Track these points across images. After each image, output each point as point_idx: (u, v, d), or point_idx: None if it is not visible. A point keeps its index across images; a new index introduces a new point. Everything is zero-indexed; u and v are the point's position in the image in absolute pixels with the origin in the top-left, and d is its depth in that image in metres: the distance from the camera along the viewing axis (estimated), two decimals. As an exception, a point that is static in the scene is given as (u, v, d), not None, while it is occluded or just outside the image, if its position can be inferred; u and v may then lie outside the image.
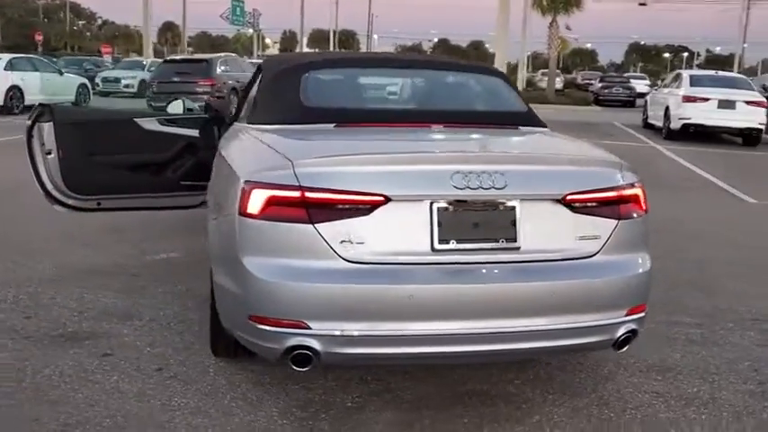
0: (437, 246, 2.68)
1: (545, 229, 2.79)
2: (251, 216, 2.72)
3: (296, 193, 2.65)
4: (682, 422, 3.07)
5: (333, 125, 3.33)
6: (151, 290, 4.54)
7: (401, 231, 2.68)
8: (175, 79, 16.63)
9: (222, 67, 17.26)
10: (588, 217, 2.83)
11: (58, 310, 4.15)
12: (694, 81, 15.84)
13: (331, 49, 56.73)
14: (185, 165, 4.95)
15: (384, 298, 2.64)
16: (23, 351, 3.55)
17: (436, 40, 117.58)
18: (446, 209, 2.69)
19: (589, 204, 2.83)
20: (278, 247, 2.69)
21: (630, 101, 33.11)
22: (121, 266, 5.02)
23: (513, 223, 2.74)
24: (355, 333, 2.63)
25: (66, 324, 3.93)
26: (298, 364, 2.70)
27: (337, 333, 2.63)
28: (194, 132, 4.97)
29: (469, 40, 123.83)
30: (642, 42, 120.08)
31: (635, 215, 2.95)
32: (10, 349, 3.57)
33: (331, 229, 2.63)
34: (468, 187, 2.66)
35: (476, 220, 2.72)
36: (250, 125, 3.62)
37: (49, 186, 4.71)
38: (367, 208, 2.64)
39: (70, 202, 4.76)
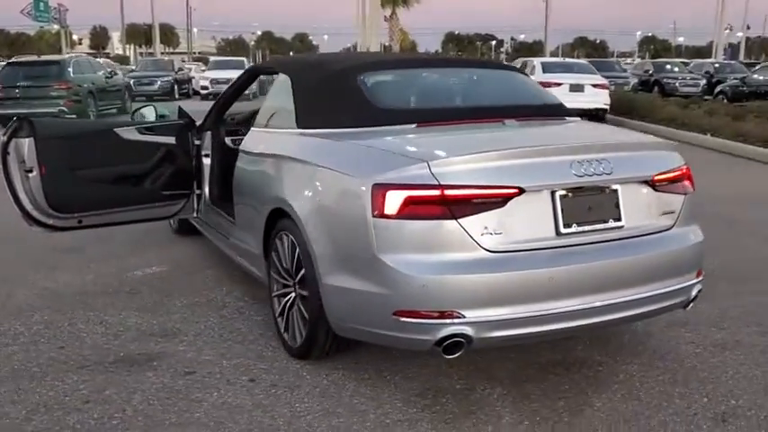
0: (562, 230, 2.95)
1: (638, 208, 3.15)
2: (387, 216, 2.82)
3: (436, 192, 2.79)
4: (733, 363, 3.57)
5: (414, 125, 3.45)
6: (167, 305, 4.37)
7: (530, 219, 2.92)
8: (24, 83, 15.21)
9: (75, 69, 16.04)
10: (666, 194, 3.24)
11: (89, 336, 3.90)
12: (546, 68, 17.25)
13: (155, 43, 53.98)
14: (165, 174, 4.80)
15: (527, 282, 2.87)
16: (92, 381, 3.33)
17: (259, 32, 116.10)
18: (566, 195, 2.96)
19: (667, 183, 3.24)
20: (420, 244, 2.82)
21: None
22: (112, 285, 4.76)
23: (617, 205, 3.08)
24: (504, 317, 2.84)
25: (112, 349, 3.72)
26: (448, 352, 2.86)
27: (489, 319, 2.82)
28: (171, 139, 4.83)
29: (293, 32, 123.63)
30: (457, 32, 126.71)
31: (691, 190, 3.41)
32: (74, 382, 3.33)
33: (472, 223, 2.81)
34: (586, 174, 2.96)
35: (589, 204, 3.03)
36: (308, 129, 3.62)
37: (29, 207, 4.40)
38: (502, 200, 2.84)
39: (51, 221, 4.46)
